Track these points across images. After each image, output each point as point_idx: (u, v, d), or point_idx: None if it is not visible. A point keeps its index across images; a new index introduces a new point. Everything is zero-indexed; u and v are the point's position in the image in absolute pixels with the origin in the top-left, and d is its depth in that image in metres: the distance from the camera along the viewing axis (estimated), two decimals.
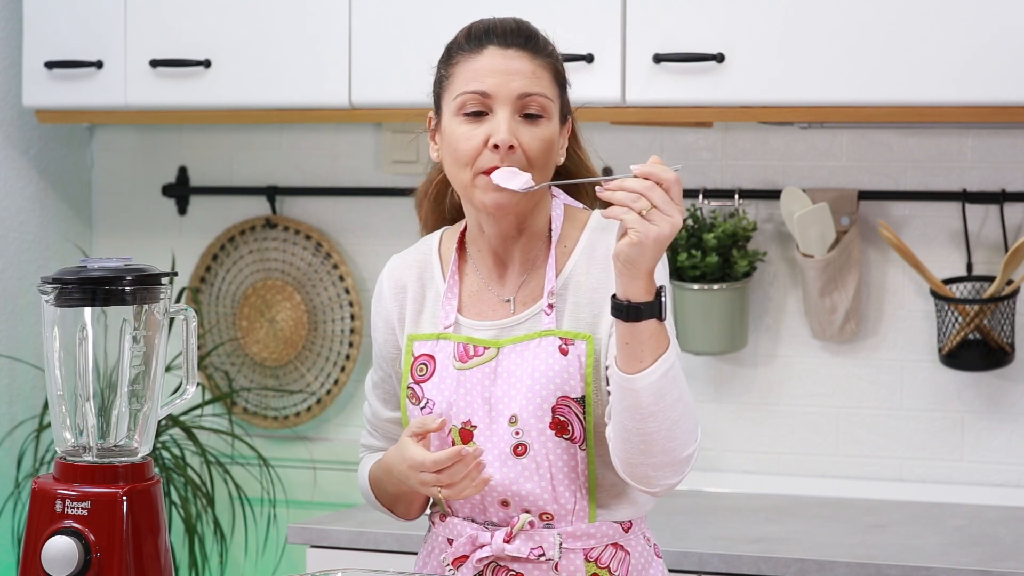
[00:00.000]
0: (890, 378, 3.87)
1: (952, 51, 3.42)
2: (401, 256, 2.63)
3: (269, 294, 4.31)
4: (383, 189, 4.20)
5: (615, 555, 2.47)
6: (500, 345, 2.46)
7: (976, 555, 3.27)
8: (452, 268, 2.53)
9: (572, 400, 2.42)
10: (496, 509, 2.47)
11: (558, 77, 2.48)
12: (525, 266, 2.51)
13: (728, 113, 3.60)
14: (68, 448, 2.34)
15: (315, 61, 3.83)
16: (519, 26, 2.48)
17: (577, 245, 2.49)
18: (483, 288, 2.52)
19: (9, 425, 4.22)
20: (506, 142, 2.40)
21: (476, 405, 2.45)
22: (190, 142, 4.40)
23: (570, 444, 2.43)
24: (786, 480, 3.90)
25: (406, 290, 2.57)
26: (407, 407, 2.51)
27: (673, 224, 2.21)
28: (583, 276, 2.47)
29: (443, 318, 2.51)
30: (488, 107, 2.43)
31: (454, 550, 2.49)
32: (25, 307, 4.26)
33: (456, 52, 2.49)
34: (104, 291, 2.29)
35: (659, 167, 2.22)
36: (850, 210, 3.81)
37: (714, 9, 3.55)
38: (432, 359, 2.50)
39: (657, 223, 2.21)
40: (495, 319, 2.50)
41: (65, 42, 4.01)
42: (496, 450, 2.44)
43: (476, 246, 2.54)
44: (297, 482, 4.28)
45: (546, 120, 2.44)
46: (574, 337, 2.43)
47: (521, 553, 2.44)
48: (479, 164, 2.42)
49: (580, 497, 2.45)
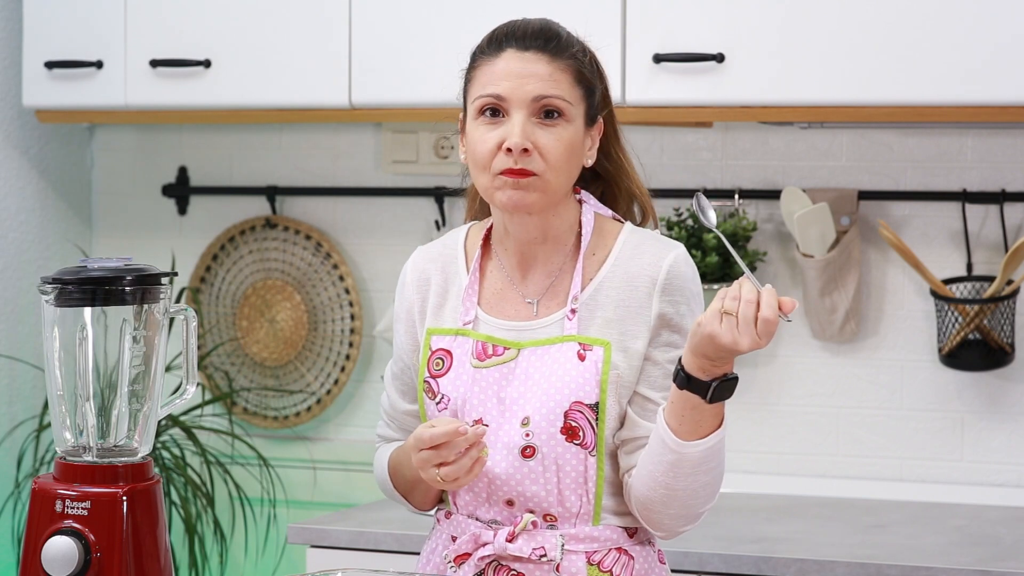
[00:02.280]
0: (890, 378, 3.87)
1: (952, 51, 3.42)
2: (427, 248, 2.63)
3: (269, 294, 4.31)
4: (383, 189, 4.21)
5: (619, 559, 2.48)
6: (521, 347, 2.47)
7: (976, 555, 3.27)
8: (475, 263, 2.54)
9: (585, 406, 2.43)
10: (500, 508, 2.47)
11: (581, 79, 2.47)
12: (549, 270, 2.51)
13: (728, 113, 3.60)
14: (68, 448, 2.34)
15: (315, 61, 3.83)
16: (542, 28, 2.47)
17: (609, 257, 2.49)
18: (506, 286, 2.53)
19: (9, 425, 4.22)
20: (518, 146, 2.41)
21: (490, 404, 2.46)
22: (190, 142, 4.40)
23: (580, 449, 2.44)
24: (786, 480, 3.90)
25: (429, 282, 2.57)
26: (424, 400, 2.51)
27: (735, 343, 2.25)
28: (613, 291, 2.47)
29: (463, 314, 2.51)
30: (505, 110, 2.44)
31: (456, 547, 2.49)
32: (25, 307, 4.26)
33: (478, 55, 2.50)
34: (104, 291, 2.29)
35: (774, 298, 2.25)
36: (850, 210, 3.81)
37: (714, 9, 3.55)
38: (449, 355, 2.50)
39: (731, 332, 2.25)
40: (517, 319, 2.50)
41: (65, 42, 4.01)
42: (505, 450, 2.44)
43: (502, 245, 2.54)
44: (297, 482, 4.28)
45: (565, 122, 2.44)
46: (592, 343, 2.44)
47: (523, 553, 2.44)
48: (495, 166, 2.43)
49: (586, 501, 2.46)
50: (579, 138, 2.46)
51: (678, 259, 2.47)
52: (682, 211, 3.90)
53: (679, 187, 3.93)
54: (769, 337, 2.25)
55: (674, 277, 2.46)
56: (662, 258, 2.47)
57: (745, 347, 2.25)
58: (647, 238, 2.51)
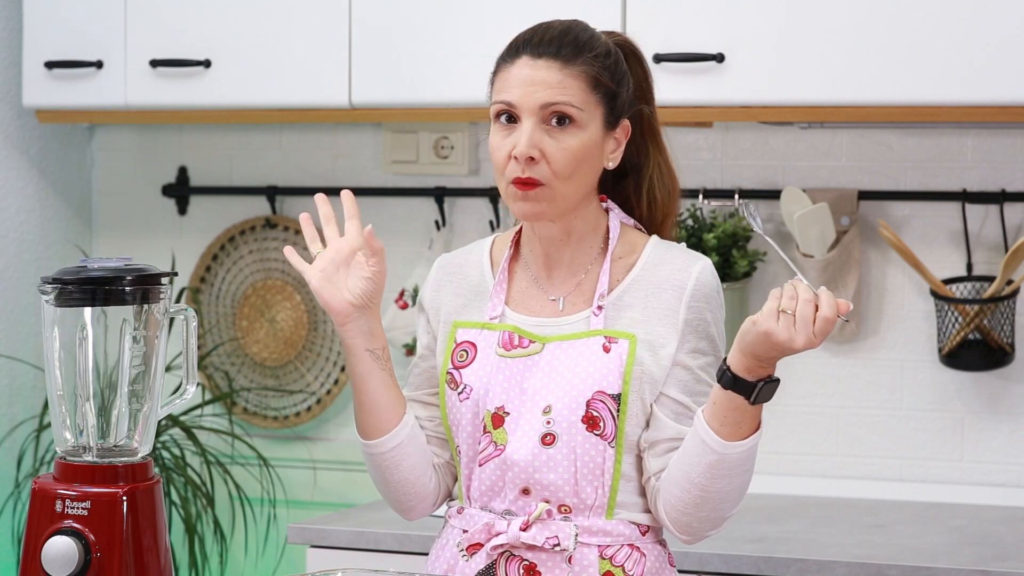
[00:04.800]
0: (890, 378, 3.87)
1: (952, 51, 3.42)
2: (451, 255, 2.66)
3: (269, 294, 4.31)
4: (383, 189, 4.21)
5: (631, 555, 2.49)
6: (546, 341, 2.49)
7: (976, 555, 3.27)
8: (503, 265, 2.56)
9: (608, 396, 2.45)
10: (515, 497, 2.48)
11: (598, 84, 2.47)
12: (575, 269, 2.53)
13: (728, 113, 3.60)
14: (68, 448, 2.34)
15: (315, 61, 3.83)
16: (560, 34, 2.48)
17: (637, 263, 2.52)
18: (532, 285, 2.55)
19: (9, 425, 4.22)
20: (524, 154, 2.43)
21: (512, 392, 2.48)
22: (190, 142, 4.40)
23: (599, 440, 2.45)
24: (786, 480, 3.90)
25: (445, 287, 2.60)
26: (445, 392, 2.53)
27: (791, 340, 2.28)
28: (641, 294, 2.49)
29: (490, 309, 2.54)
30: (517, 116, 2.46)
31: (469, 536, 2.50)
32: (25, 307, 4.26)
33: (500, 61, 2.52)
34: (104, 291, 2.29)
35: (832, 300, 2.29)
36: (850, 210, 3.81)
37: (714, 9, 3.55)
38: (474, 346, 2.52)
39: (788, 330, 2.28)
40: (542, 316, 2.52)
41: (65, 42, 4.01)
42: (525, 437, 2.46)
43: (529, 246, 2.57)
44: (297, 482, 4.28)
45: (575, 129, 2.45)
46: (618, 336, 2.46)
47: (537, 542, 2.45)
48: (507, 173, 2.46)
49: (601, 494, 2.47)
50: (593, 143, 2.47)
51: (705, 269, 2.51)
52: (682, 212, 3.90)
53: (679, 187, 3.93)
54: (824, 336, 2.29)
55: (702, 285, 2.49)
56: (691, 266, 2.50)
57: (800, 345, 2.28)
58: (673, 248, 2.54)
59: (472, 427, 2.51)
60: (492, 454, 2.48)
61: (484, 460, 2.49)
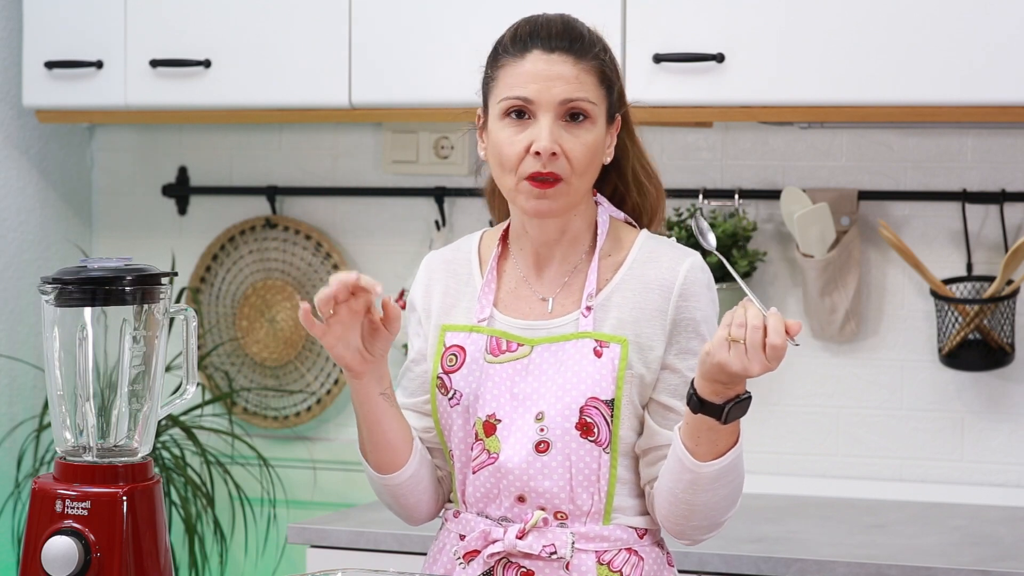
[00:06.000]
0: (890, 378, 3.87)
1: (952, 51, 3.42)
2: (439, 252, 2.63)
3: (269, 294, 4.31)
4: (383, 189, 4.20)
5: (628, 559, 2.47)
6: (534, 344, 2.47)
7: (976, 555, 3.27)
8: (492, 264, 2.54)
9: (601, 402, 2.43)
10: (511, 505, 2.46)
11: (604, 78, 2.46)
12: (565, 268, 2.51)
13: (728, 113, 3.60)
14: (68, 448, 2.34)
15: (315, 61, 3.83)
16: (565, 27, 2.46)
17: (625, 261, 2.49)
18: (521, 284, 2.53)
19: (9, 425, 4.22)
20: (547, 150, 2.40)
21: (503, 399, 2.46)
22: (190, 142, 4.40)
23: (594, 446, 2.44)
24: (786, 480, 3.90)
25: (435, 286, 2.57)
26: (436, 396, 2.51)
27: (746, 370, 2.25)
28: (629, 293, 2.47)
29: (478, 311, 2.51)
30: (531, 112, 2.43)
31: (465, 544, 2.48)
32: (25, 307, 4.26)
33: (502, 54, 2.47)
34: (104, 291, 2.29)
35: (780, 323, 2.24)
36: (850, 210, 3.81)
37: (714, 9, 3.55)
38: (463, 350, 2.50)
39: (740, 359, 2.25)
40: (531, 318, 2.50)
41: (65, 42, 4.01)
42: (518, 444, 2.44)
43: (519, 244, 2.54)
44: (297, 482, 4.28)
45: (590, 124, 2.44)
46: (609, 340, 2.44)
47: (533, 550, 2.44)
48: (522, 169, 2.42)
49: (597, 500, 2.46)
50: (602, 138, 2.46)
51: (694, 266, 2.48)
52: (682, 211, 3.90)
53: (679, 187, 3.93)
54: (779, 361, 2.25)
55: (691, 283, 2.46)
56: (679, 265, 2.47)
57: (756, 372, 2.25)
58: (663, 244, 2.51)
59: (464, 432, 2.49)
60: (486, 462, 2.47)
61: (478, 468, 2.48)
